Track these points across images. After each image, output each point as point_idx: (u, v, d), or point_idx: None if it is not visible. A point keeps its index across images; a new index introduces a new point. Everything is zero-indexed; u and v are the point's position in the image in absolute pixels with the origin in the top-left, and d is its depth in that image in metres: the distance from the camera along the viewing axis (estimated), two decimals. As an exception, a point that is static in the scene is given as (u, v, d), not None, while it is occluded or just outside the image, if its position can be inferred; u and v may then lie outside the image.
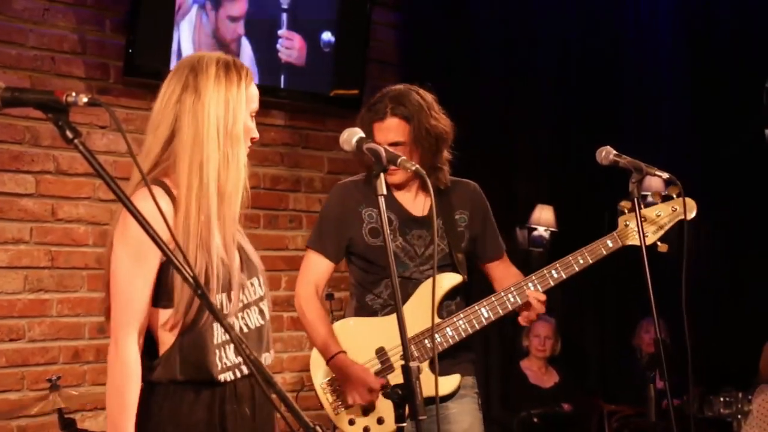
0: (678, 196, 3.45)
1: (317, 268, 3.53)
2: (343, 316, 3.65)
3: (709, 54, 7.20)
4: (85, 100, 1.94)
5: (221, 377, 2.44)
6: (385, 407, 3.33)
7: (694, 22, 7.26)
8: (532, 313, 3.45)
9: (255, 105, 2.54)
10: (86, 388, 4.82)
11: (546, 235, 6.66)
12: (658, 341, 3.17)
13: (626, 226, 3.51)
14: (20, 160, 4.72)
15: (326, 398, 3.47)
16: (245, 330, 2.50)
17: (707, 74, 7.17)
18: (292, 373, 5.65)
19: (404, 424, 2.49)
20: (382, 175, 2.48)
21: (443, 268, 3.50)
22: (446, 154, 3.52)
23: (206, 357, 2.42)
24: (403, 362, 3.32)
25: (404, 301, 3.42)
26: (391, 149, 3.38)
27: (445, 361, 3.46)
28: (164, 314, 2.42)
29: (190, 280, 2.00)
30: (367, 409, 3.41)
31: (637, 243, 3.42)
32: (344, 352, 3.42)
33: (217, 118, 2.43)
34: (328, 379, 3.47)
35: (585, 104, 6.97)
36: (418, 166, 2.55)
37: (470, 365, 3.58)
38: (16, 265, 4.70)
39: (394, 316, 3.37)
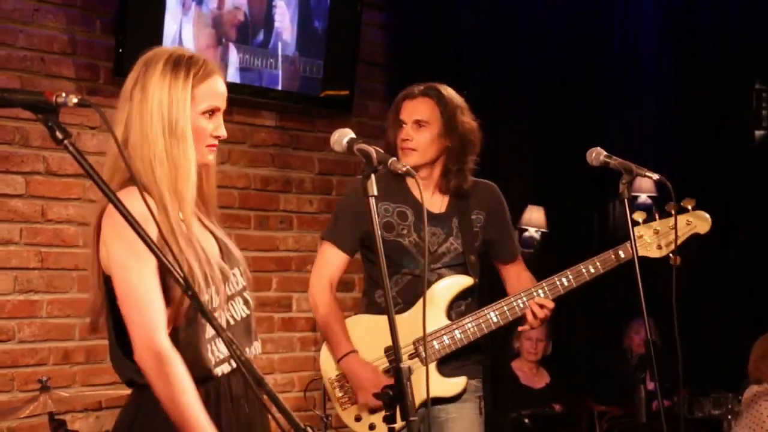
0: (693, 208, 3.45)
1: (332, 261, 3.55)
2: (357, 312, 3.66)
3: (694, 56, 7.22)
4: (74, 100, 1.94)
5: (216, 371, 2.40)
6: None
7: (679, 23, 7.28)
8: (536, 321, 3.45)
9: (212, 103, 2.45)
10: (76, 390, 4.81)
11: (536, 236, 6.66)
12: (649, 342, 3.17)
13: (639, 237, 3.48)
14: (10, 160, 4.70)
15: (335, 393, 3.48)
16: (231, 322, 2.46)
17: (692, 75, 7.18)
18: (282, 374, 5.65)
19: (395, 425, 2.49)
20: (372, 176, 2.47)
21: (455, 268, 3.51)
22: (471, 160, 3.53)
23: (200, 353, 2.36)
24: (410, 362, 3.36)
25: (414, 301, 3.43)
26: (414, 129, 3.44)
27: (453, 363, 3.46)
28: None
29: (181, 280, 2.00)
30: (375, 407, 3.41)
31: (650, 255, 3.45)
32: (355, 351, 3.42)
33: (161, 117, 2.37)
34: (338, 374, 3.48)
35: (570, 105, 6.98)
36: (409, 167, 2.54)
37: (477, 367, 3.59)
38: (5, 266, 4.68)
39: (403, 315, 3.42)
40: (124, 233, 2.19)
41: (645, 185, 6.72)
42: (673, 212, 3.46)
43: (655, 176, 3.24)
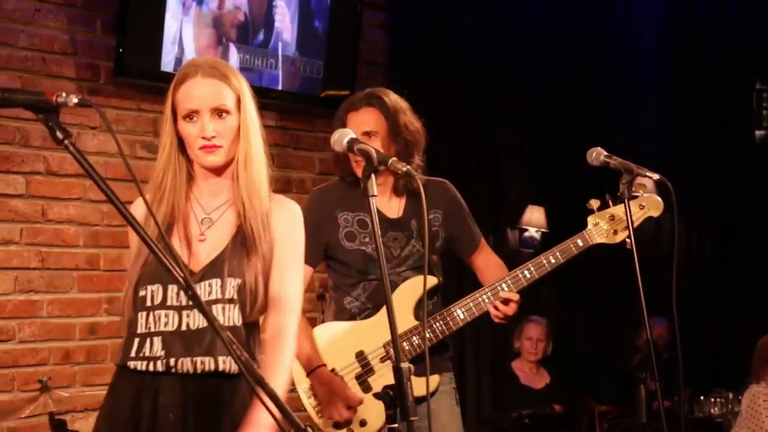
0: (645, 192, 3.49)
1: None
2: (323, 319, 3.65)
3: (694, 56, 7.23)
4: (75, 100, 1.94)
5: (130, 364, 2.48)
6: (367, 410, 3.34)
7: (679, 23, 7.29)
8: (503, 314, 3.46)
9: (186, 107, 2.51)
10: (77, 389, 4.81)
11: (537, 236, 6.67)
12: (649, 342, 3.17)
13: (596, 224, 3.55)
14: (10, 160, 4.71)
15: (309, 402, 3.48)
16: (183, 328, 2.47)
17: (692, 75, 7.19)
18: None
19: (395, 425, 2.49)
20: (373, 176, 2.47)
21: (418, 269, 3.50)
22: (418, 159, 3.53)
23: (126, 344, 2.51)
24: (383, 365, 3.37)
25: (382, 304, 3.43)
26: (364, 140, 3.42)
27: (423, 362, 3.45)
28: None
29: (181, 280, 2.01)
30: (342, 422, 3.41)
31: (608, 241, 3.51)
32: (324, 365, 3.41)
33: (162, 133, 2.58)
34: (311, 384, 3.47)
35: (570, 105, 7.00)
36: (409, 167, 2.54)
37: (448, 363, 3.60)
38: (6, 266, 4.69)
39: (372, 319, 3.43)
40: None
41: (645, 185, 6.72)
42: (644, 194, 3.51)
43: (656, 176, 3.24)
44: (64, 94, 1.94)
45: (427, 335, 3.44)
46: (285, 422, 2.03)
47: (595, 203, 3.54)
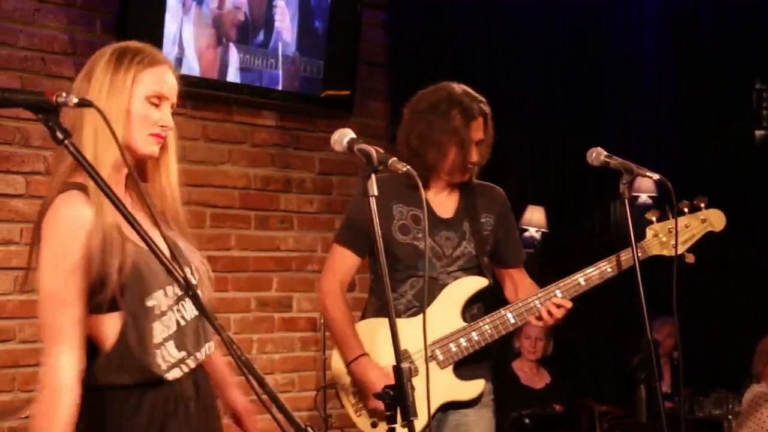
0: (706, 206, 3.47)
1: (344, 263, 3.50)
2: (363, 314, 3.62)
3: (694, 56, 7.22)
4: (75, 100, 1.94)
5: (168, 375, 2.33)
6: None
7: (679, 23, 7.28)
8: (551, 319, 3.45)
9: (158, 90, 2.39)
10: (77, 390, 4.80)
11: (537, 236, 6.66)
12: (649, 342, 3.18)
13: (655, 236, 3.49)
14: (10, 160, 4.71)
15: (348, 400, 3.45)
16: (182, 323, 2.37)
17: (692, 75, 7.19)
18: (283, 374, 5.65)
19: (395, 425, 2.49)
20: (373, 176, 2.46)
21: (470, 270, 3.51)
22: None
23: (148, 358, 2.30)
24: (425, 365, 3.35)
25: (430, 302, 3.42)
26: (476, 148, 3.51)
27: (469, 365, 3.45)
28: (107, 319, 2.29)
29: (181, 280, 2.00)
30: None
31: (665, 253, 3.46)
32: (367, 354, 3.39)
33: (101, 102, 2.26)
34: (351, 380, 3.44)
35: (571, 105, 6.99)
36: (409, 167, 2.54)
37: (489, 370, 3.60)
38: (6, 266, 4.68)
39: (418, 318, 3.36)
40: (52, 239, 2.25)
41: (645, 185, 6.72)
42: (685, 209, 3.49)
43: (655, 176, 3.24)
44: (64, 94, 1.94)
45: (476, 338, 3.43)
46: (285, 422, 2.02)
47: (653, 215, 3.51)
